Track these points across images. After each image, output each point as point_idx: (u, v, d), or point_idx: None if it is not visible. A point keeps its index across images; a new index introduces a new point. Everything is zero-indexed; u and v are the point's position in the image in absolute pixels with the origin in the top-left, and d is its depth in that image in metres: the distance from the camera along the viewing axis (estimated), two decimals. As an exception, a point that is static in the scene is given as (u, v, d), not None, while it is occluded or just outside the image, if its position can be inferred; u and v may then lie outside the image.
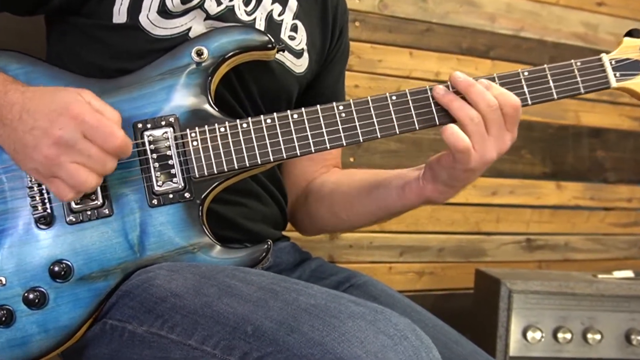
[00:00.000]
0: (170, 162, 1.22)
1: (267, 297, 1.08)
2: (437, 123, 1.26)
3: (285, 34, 1.44)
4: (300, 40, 1.47)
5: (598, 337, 2.00)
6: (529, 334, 1.99)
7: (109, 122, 1.11)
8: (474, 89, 1.23)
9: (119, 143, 1.11)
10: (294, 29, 1.46)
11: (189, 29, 1.31)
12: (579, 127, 2.67)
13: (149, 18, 1.30)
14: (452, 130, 1.22)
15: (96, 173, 1.11)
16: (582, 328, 2.02)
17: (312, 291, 1.09)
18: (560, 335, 1.99)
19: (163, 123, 1.23)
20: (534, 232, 2.61)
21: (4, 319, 1.17)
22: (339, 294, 1.10)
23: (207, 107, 1.26)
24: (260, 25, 1.40)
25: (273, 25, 1.42)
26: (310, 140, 1.25)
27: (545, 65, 1.29)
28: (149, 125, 1.23)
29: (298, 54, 1.46)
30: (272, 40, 1.30)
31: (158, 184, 1.22)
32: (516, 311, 1.99)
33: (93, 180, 1.11)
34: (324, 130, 1.26)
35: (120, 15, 1.30)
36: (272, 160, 1.25)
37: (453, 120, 1.25)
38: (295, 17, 1.46)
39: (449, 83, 1.26)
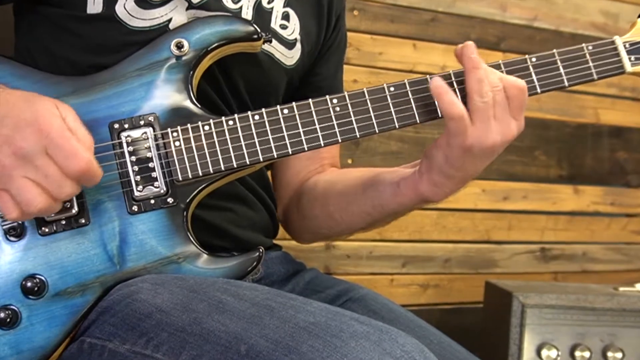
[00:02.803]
0: (150, 164, 1.23)
1: (262, 314, 1.08)
2: (440, 115, 1.27)
3: (276, 23, 1.44)
4: (293, 29, 1.47)
5: (619, 355, 2.01)
6: (544, 352, 1.99)
7: (75, 142, 1.08)
8: (482, 66, 1.24)
9: (81, 167, 1.07)
10: (286, 17, 1.46)
11: (169, 20, 1.32)
12: (598, 126, 2.68)
13: (125, 8, 1.30)
14: (448, 95, 1.23)
15: (49, 195, 1.08)
16: (602, 345, 2.03)
17: (311, 308, 1.10)
18: (577, 353, 2.00)
19: (142, 123, 1.24)
20: (549, 240, 2.62)
21: (-28, 340, 1.17)
22: (341, 311, 1.10)
23: (189, 104, 1.26)
24: (248, 13, 1.40)
25: (262, 14, 1.43)
26: (303, 137, 1.26)
27: (554, 50, 1.31)
28: (126, 126, 1.23)
29: (290, 45, 1.47)
30: (258, 30, 1.31)
31: (138, 189, 1.22)
32: (530, 327, 2.00)
33: (42, 202, 1.08)
34: (317, 126, 1.26)
35: (95, 4, 1.30)
36: (261, 160, 1.25)
37: None
38: (287, 4, 1.46)
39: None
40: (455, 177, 1.29)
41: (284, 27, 1.45)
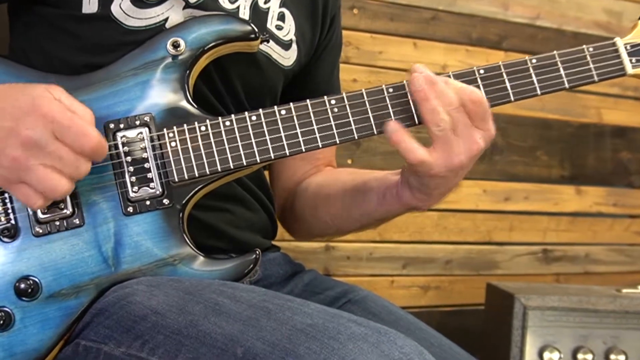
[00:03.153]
0: (146, 165, 1.23)
1: (258, 316, 1.08)
2: None
3: (272, 24, 1.45)
4: (289, 30, 1.47)
5: (622, 358, 2.01)
6: (546, 355, 1.99)
7: (81, 121, 1.10)
8: (436, 87, 1.23)
9: (94, 144, 1.10)
10: (282, 17, 1.46)
11: (166, 20, 1.32)
12: (601, 126, 2.68)
13: (121, 7, 1.30)
14: (405, 143, 1.23)
15: (68, 177, 1.11)
16: (605, 348, 2.03)
17: (308, 309, 1.10)
18: (580, 356, 2.00)
19: (137, 123, 1.23)
20: (551, 242, 2.63)
21: (-35, 342, 1.17)
22: (339, 313, 1.10)
23: (185, 104, 1.26)
24: (245, 13, 1.40)
25: (258, 14, 1.43)
26: (300, 139, 1.26)
27: (554, 52, 1.31)
28: (121, 126, 1.23)
29: (286, 45, 1.47)
30: (256, 29, 1.31)
31: (133, 189, 1.22)
32: (532, 329, 2.00)
33: (65, 185, 1.10)
34: (314, 127, 1.26)
35: (90, 4, 1.30)
36: (258, 161, 1.25)
37: None
38: (283, 4, 1.47)
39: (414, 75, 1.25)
40: (434, 193, 1.31)
41: (279, 27, 1.45)
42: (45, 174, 1.09)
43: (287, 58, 1.47)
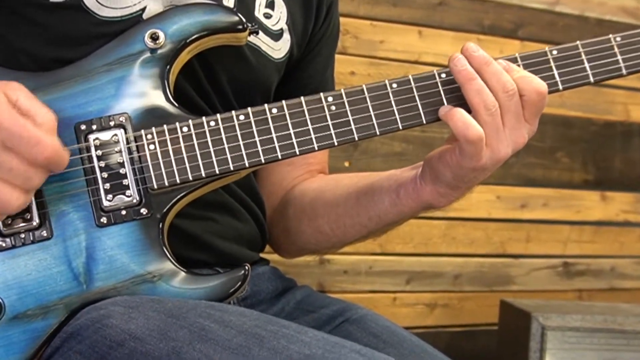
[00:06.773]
0: (122, 171, 1.23)
1: (250, 344, 1.08)
2: None
3: (259, 11, 1.45)
4: (279, 18, 1.48)
5: (652, 384, 2.03)
6: (567, 381, 2.01)
7: (34, 129, 1.09)
8: (490, 68, 1.25)
9: (48, 154, 1.09)
10: (271, 4, 1.47)
11: (143, 9, 1.32)
12: (628, 124, 2.69)
13: None
14: (460, 115, 1.24)
15: (20, 190, 1.10)
16: (633, 373, 2.04)
17: (306, 338, 1.10)
18: (605, 381, 2.02)
19: (112, 124, 1.24)
20: (572, 254, 2.63)
21: None
22: (340, 342, 1.11)
23: (165, 103, 1.27)
24: (229, 1, 1.40)
25: (245, 1, 1.43)
26: (294, 140, 1.26)
27: (578, 42, 1.31)
28: (94, 127, 1.23)
29: (276, 36, 1.47)
30: (243, 20, 1.31)
31: (107, 198, 1.22)
32: (551, 352, 2.01)
33: (17, 199, 1.10)
34: (310, 127, 1.27)
35: None
36: (247, 165, 1.25)
37: (467, 109, 1.26)
38: None
39: (457, 59, 1.26)
40: (462, 187, 1.32)
41: (268, 16, 1.45)
42: None
43: (278, 50, 1.48)
